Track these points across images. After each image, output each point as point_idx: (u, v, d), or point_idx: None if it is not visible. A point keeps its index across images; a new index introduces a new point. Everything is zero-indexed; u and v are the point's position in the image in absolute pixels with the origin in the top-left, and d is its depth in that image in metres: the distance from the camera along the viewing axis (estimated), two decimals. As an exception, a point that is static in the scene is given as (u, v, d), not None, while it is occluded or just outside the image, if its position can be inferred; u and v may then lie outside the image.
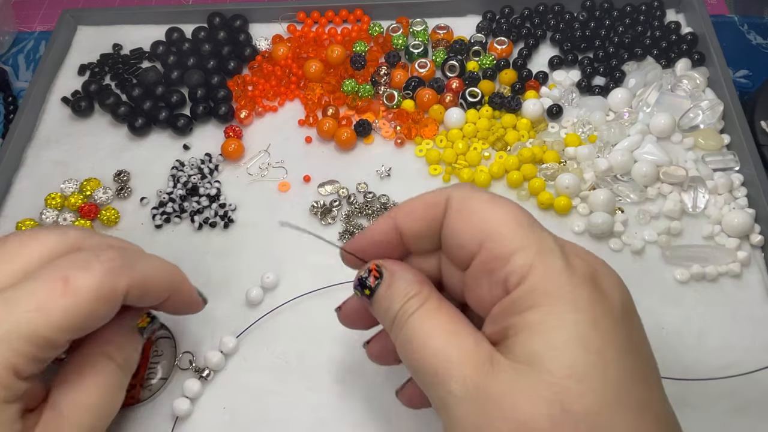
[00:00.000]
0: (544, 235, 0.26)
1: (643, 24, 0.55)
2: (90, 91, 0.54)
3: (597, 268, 0.26)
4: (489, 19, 0.57)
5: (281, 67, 0.55)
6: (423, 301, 0.27)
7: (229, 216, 0.47)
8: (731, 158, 0.47)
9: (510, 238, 0.25)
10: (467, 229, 0.27)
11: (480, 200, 0.27)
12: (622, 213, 0.45)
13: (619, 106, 0.50)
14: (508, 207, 0.27)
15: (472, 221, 0.27)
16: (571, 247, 0.26)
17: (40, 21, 0.69)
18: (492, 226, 0.26)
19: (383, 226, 0.30)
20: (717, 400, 0.38)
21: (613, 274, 0.26)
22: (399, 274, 0.29)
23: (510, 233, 0.26)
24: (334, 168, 0.50)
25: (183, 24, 0.58)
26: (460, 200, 0.27)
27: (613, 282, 0.26)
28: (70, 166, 0.51)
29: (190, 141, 0.52)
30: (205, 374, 0.40)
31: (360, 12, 0.58)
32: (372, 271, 0.29)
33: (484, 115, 0.51)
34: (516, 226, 0.26)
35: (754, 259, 0.43)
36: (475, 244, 0.26)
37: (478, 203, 0.27)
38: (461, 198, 0.27)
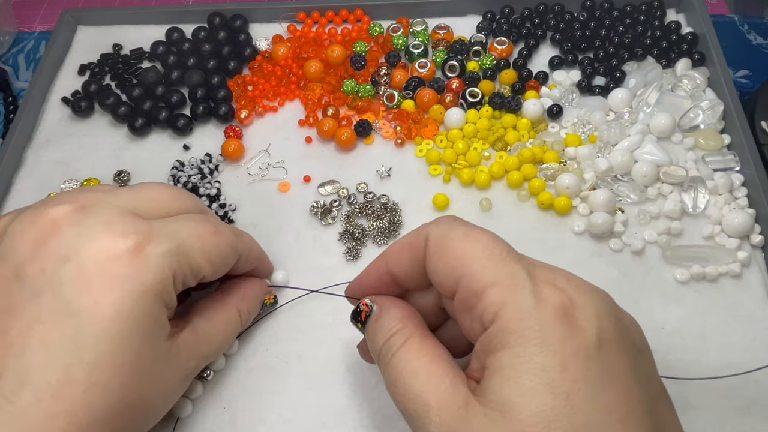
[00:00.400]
0: (516, 268, 0.26)
1: (643, 24, 0.55)
2: (90, 91, 0.54)
3: (573, 297, 0.25)
4: (489, 19, 0.57)
5: (281, 67, 0.55)
6: (406, 338, 0.28)
7: (229, 216, 0.47)
8: (731, 158, 0.47)
9: (482, 273, 0.26)
10: (445, 267, 0.27)
11: (455, 237, 0.27)
12: (622, 213, 0.45)
13: (619, 106, 0.50)
14: (481, 241, 0.27)
15: (448, 260, 0.27)
16: (546, 275, 0.26)
17: (40, 21, 0.69)
18: (465, 263, 0.26)
19: (376, 270, 0.32)
20: (717, 399, 0.38)
21: (591, 302, 0.25)
22: (386, 310, 0.30)
23: (482, 269, 0.26)
24: (334, 168, 0.50)
25: (183, 24, 0.58)
26: (437, 239, 0.28)
27: (589, 312, 0.25)
28: (70, 166, 0.51)
29: (190, 141, 0.52)
30: (205, 374, 0.40)
31: (360, 12, 0.58)
32: (364, 305, 0.31)
33: (484, 115, 0.51)
34: (488, 261, 0.26)
35: (754, 259, 0.43)
36: (453, 282, 0.27)
37: (454, 241, 0.27)
38: (438, 236, 0.28)
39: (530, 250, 0.45)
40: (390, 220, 0.46)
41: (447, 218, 0.29)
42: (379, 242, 0.45)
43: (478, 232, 0.27)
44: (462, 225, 0.28)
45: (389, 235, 0.45)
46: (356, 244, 0.45)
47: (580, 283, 0.26)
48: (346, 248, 0.45)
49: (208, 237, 0.33)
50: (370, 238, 0.46)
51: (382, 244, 0.45)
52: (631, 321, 0.27)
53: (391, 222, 0.46)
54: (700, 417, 0.37)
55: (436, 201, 0.47)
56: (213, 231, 0.33)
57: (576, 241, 0.45)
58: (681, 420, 0.37)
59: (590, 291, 0.26)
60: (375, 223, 0.46)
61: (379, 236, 0.45)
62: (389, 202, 0.47)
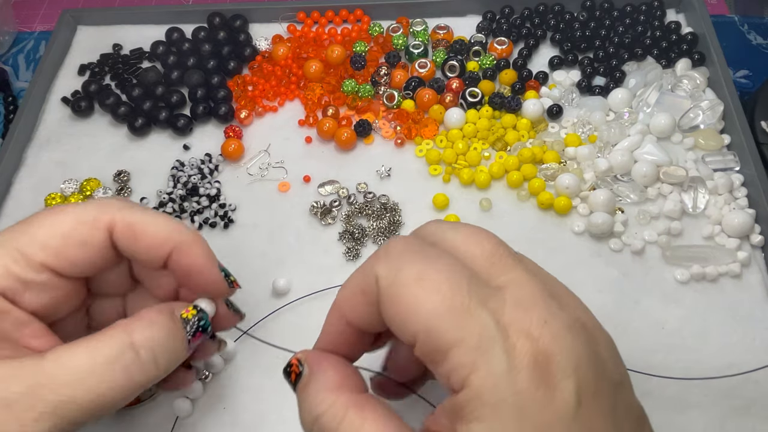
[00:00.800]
0: (482, 318, 0.22)
1: (643, 24, 0.55)
2: (90, 91, 0.54)
3: (549, 349, 0.22)
4: (489, 19, 0.57)
5: (281, 67, 0.55)
6: (339, 420, 0.24)
7: (229, 216, 0.47)
8: (731, 158, 0.47)
9: (444, 330, 0.22)
10: (399, 320, 0.24)
11: (407, 282, 0.23)
12: (622, 213, 0.45)
13: (619, 106, 0.50)
14: (438, 288, 0.23)
15: (402, 312, 0.23)
16: (519, 322, 0.22)
17: (40, 21, 0.69)
18: (422, 319, 0.23)
19: (335, 324, 0.28)
20: (717, 399, 0.38)
21: (569, 350, 0.22)
22: (317, 376, 0.26)
23: (443, 324, 0.22)
24: (334, 168, 0.50)
25: (183, 24, 0.58)
26: (387, 285, 0.24)
27: (567, 365, 0.22)
28: (70, 166, 0.51)
29: (190, 141, 0.52)
30: (204, 375, 0.40)
31: (360, 12, 0.58)
32: (293, 366, 0.27)
33: (484, 115, 0.51)
34: (449, 314, 0.22)
35: (754, 259, 0.43)
36: (410, 335, 0.23)
37: (406, 287, 0.23)
38: (387, 281, 0.24)
39: (530, 250, 0.45)
40: (390, 220, 0.46)
41: (398, 248, 0.25)
42: (379, 242, 0.45)
43: (433, 272, 0.23)
44: (415, 261, 0.24)
45: (389, 235, 0.45)
46: (356, 244, 0.45)
47: (558, 325, 0.22)
48: (346, 248, 0.45)
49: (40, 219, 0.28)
50: (370, 238, 0.46)
51: (383, 244, 0.45)
52: (608, 350, 0.24)
53: (391, 222, 0.46)
54: (700, 417, 0.37)
55: (436, 201, 0.47)
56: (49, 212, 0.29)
57: (576, 241, 0.45)
58: (681, 420, 0.37)
59: (568, 333, 0.22)
60: (375, 223, 0.46)
61: (379, 236, 0.45)
62: (389, 202, 0.47)
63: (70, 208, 0.29)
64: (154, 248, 0.29)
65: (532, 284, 0.24)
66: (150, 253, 0.29)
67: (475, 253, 0.25)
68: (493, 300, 0.23)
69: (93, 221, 0.28)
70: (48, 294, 0.28)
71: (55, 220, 0.28)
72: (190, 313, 0.29)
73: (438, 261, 0.24)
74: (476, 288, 0.23)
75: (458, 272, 0.23)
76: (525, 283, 0.24)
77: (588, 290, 0.42)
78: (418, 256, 0.24)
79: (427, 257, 0.24)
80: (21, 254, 0.27)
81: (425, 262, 0.24)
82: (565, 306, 0.24)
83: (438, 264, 0.24)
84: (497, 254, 0.25)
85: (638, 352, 0.40)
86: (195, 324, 0.29)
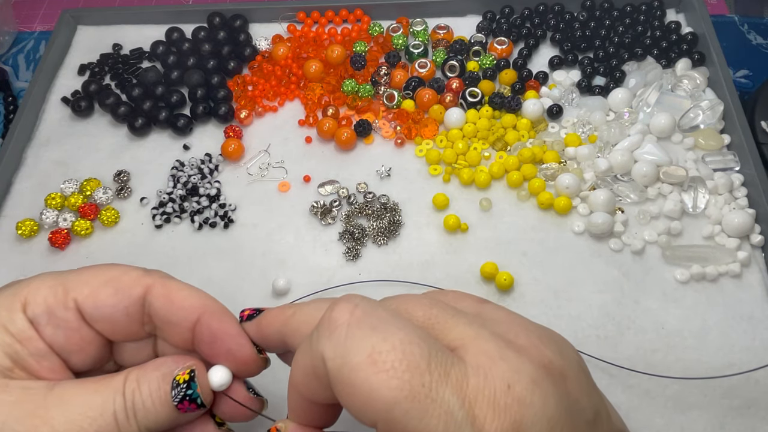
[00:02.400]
0: (446, 399, 0.20)
1: (643, 24, 0.55)
2: (90, 91, 0.54)
3: (517, 419, 0.20)
4: (489, 19, 0.57)
5: (281, 67, 0.55)
6: None
7: (229, 216, 0.47)
8: (731, 158, 0.47)
9: (406, 420, 0.20)
10: (354, 406, 0.21)
11: (357, 367, 0.21)
12: (622, 213, 0.45)
13: (619, 106, 0.50)
14: (392, 373, 0.20)
15: (355, 399, 0.21)
16: (484, 393, 0.20)
17: (40, 21, 0.69)
18: (380, 409, 0.20)
19: (294, 400, 0.26)
20: (717, 399, 0.38)
21: (539, 414, 0.21)
22: None
23: (404, 415, 0.20)
24: (334, 168, 0.50)
25: (183, 24, 0.58)
26: (336, 368, 0.21)
27: (542, 429, 0.21)
28: (70, 166, 0.51)
29: (190, 141, 0.52)
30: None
31: (360, 12, 0.58)
32: None
33: (484, 115, 0.51)
34: (409, 402, 0.20)
35: (754, 259, 0.43)
36: (369, 422, 0.21)
37: (356, 372, 0.21)
38: (335, 365, 0.21)
39: (530, 250, 0.45)
40: (390, 220, 0.46)
41: (343, 319, 0.22)
42: (379, 242, 0.45)
43: (387, 349, 0.21)
44: (364, 336, 0.21)
45: (389, 235, 0.45)
46: (356, 244, 0.45)
47: (522, 386, 0.21)
48: (346, 248, 0.45)
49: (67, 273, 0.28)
50: (370, 238, 0.46)
51: (382, 244, 0.45)
52: (577, 382, 0.23)
53: (391, 222, 0.46)
54: (700, 417, 0.37)
55: (436, 201, 0.47)
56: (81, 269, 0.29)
57: (576, 241, 0.45)
58: (681, 420, 0.37)
59: (535, 390, 0.21)
60: (375, 223, 0.46)
61: (379, 236, 0.45)
62: (389, 202, 0.47)
63: (120, 265, 0.29)
64: (185, 310, 0.28)
65: (484, 338, 0.22)
66: (180, 315, 0.28)
67: (418, 315, 0.23)
68: (455, 369, 0.21)
69: (136, 277, 0.28)
70: (72, 338, 0.28)
71: (103, 270, 0.29)
72: (182, 376, 0.26)
73: (390, 330, 0.21)
74: (436, 358, 0.21)
75: (415, 343, 0.21)
76: (476, 338, 0.22)
77: (588, 290, 0.43)
78: (365, 329, 0.21)
79: (376, 328, 0.21)
80: (62, 287, 0.27)
81: (375, 334, 0.21)
82: (523, 349, 0.22)
83: (391, 334, 0.21)
84: (434, 312, 0.23)
85: (638, 352, 0.40)
86: (182, 391, 0.26)
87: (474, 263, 0.44)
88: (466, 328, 0.23)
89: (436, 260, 0.44)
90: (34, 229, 0.47)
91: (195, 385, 0.26)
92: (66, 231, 0.47)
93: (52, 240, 0.46)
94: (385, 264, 0.44)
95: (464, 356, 0.22)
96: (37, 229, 0.48)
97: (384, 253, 0.45)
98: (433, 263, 0.44)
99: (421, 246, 0.45)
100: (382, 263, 0.45)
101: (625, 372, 0.39)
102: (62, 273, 0.28)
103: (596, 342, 0.40)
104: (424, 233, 0.46)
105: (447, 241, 0.45)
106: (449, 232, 0.46)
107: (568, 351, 0.24)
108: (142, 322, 0.29)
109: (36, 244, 0.47)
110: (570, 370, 0.23)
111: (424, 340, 0.21)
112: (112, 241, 0.47)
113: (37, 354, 0.27)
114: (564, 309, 0.42)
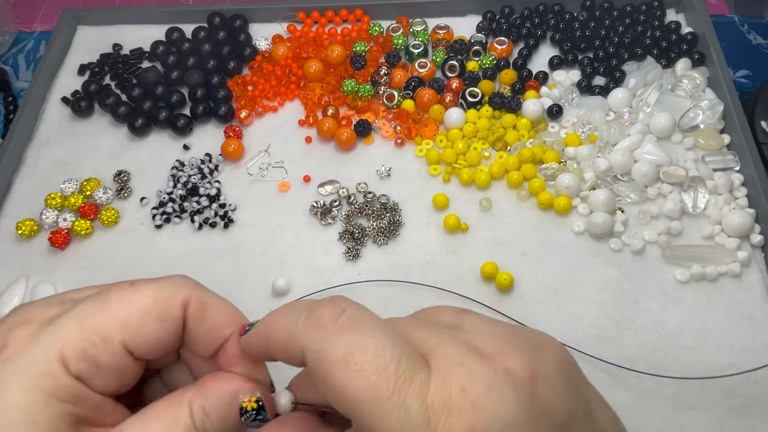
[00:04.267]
0: (406, 402, 0.21)
1: (643, 24, 0.55)
2: (90, 91, 0.54)
3: (469, 423, 0.21)
4: (489, 19, 0.57)
5: (281, 67, 0.55)
6: None
7: (229, 216, 0.47)
8: (731, 158, 0.47)
9: (369, 417, 0.21)
10: (329, 396, 0.23)
11: (332, 364, 0.22)
12: (622, 213, 0.45)
13: (619, 106, 0.50)
14: (361, 374, 0.22)
15: (330, 391, 0.22)
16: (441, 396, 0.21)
17: (40, 21, 0.69)
18: (348, 403, 0.22)
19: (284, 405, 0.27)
20: (717, 399, 0.38)
21: (494, 416, 0.21)
22: None
23: (367, 412, 0.21)
24: (334, 168, 0.50)
25: (183, 24, 0.58)
26: (314, 361, 0.23)
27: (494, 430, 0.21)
28: (70, 166, 0.51)
29: (190, 141, 0.52)
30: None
31: (360, 12, 0.58)
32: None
33: (484, 115, 0.51)
34: (372, 402, 0.21)
35: (754, 259, 0.43)
36: (344, 413, 0.23)
37: (331, 368, 0.22)
38: (314, 357, 0.23)
39: (530, 250, 0.45)
40: (390, 220, 0.46)
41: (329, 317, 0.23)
42: (379, 242, 0.45)
43: (360, 351, 0.22)
44: (342, 335, 0.23)
45: (389, 235, 0.45)
46: (356, 244, 0.45)
47: (476, 389, 0.21)
48: (346, 248, 0.45)
49: (114, 296, 0.26)
50: (370, 238, 0.46)
51: (382, 244, 0.45)
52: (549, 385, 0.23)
53: (391, 222, 0.46)
54: (700, 417, 0.38)
55: (436, 201, 0.47)
56: (125, 288, 0.26)
57: (576, 241, 0.45)
58: (681, 420, 0.37)
59: (488, 394, 0.21)
60: (375, 223, 0.46)
61: (379, 236, 0.45)
62: (389, 202, 0.47)
63: (148, 284, 0.27)
64: (217, 329, 0.27)
65: (448, 346, 0.23)
66: (211, 334, 0.27)
67: (398, 324, 0.24)
68: (421, 374, 0.22)
69: (171, 297, 0.27)
70: (120, 377, 0.26)
71: (134, 296, 0.26)
72: (250, 404, 0.26)
73: (368, 333, 0.22)
74: (405, 363, 0.22)
75: (388, 347, 0.22)
76: (441, 346, 0.23)
77: (588, 290, 0.43)
78: (346, 331, 0.23)
79: (356, 330, 0.23)
80: (100, 336, 0.25)
81: (353, 335, 0.22)
82: (487, 355, 0.23)
83: (367, 338, 0.22)
84: (414, 323, 0.24)
85: (638, 352, 0.40)
86: (251, 416, 0.26)
87: (474, 263, 0.44)
88: (435, 337, 0.24)
89: (436, 260, 0.44)
90: (34, 229, 0.47)
91: (264, 413, 0.27)
92: (66, 231, 0.47)
93: (52, 240, 0.46)
94: (385, 264, 0.44)
95: (430, 362, 0.22)
96: (37, 229, 0.48)
97: (384, 253, 0.45)
98: (433, 263, 0.44)
99: (421, 246, 0.45)
100: (382, 263, 0.45)
101: (626, 372, 0.39)
102: (87, 305, 0.26)
103: (596, 342, 0.40)
104: (424, 233, 0.46)
105: (447, 241, 0.45)
106: (449, 232, 0.46)
107: (545, 355, 0.24)
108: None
109: (36, 244, 0.47)
110: (542, 374, 0.23)
111: (398, 345, 0.22)
112: (112, 241, 0.47)
113: (94, 407, 0.26)
114: (564, 309, 0.42)
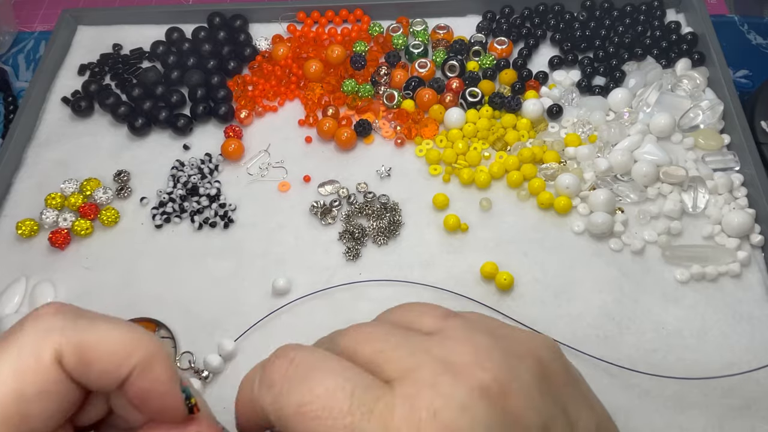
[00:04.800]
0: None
1: (643, 24, 0.55)
2: (90, 91, 0.54)
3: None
4: (489, 19, 0.57)
5: (281, 67, 0.55)
6: None
7: (229, 216, 0.47)
8: (731, 158, 0.47)
9: None
10: None
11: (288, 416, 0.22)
12: (622, 213, 0.45)
13: (619, 106, 0.50)
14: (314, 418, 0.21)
15: None
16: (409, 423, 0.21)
17: (40, 21, 0.69)
18: None
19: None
20: (717, 399, 0.38)
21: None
22: None
23: None
24: (334, 168, 0.50)
25: (183, 24, 0.58)
26: (276, 419, 0.22)
27: None
28: (70, 166, 0.51)
29: (190, 141, 0.52)
30: (204, 375, 0.40)
31: (360, 12, 0.58)
32: None
33: (484, 115, 0.51)
34: None
35: (754, 259, 0.43)
36: None
37: (289, 420, 0.22)
38: (275, 416, 0.22)
39: (530, 250, 0.45)
40: (390, 220, 0.46)
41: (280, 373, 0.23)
42: (379, 242, 0.45)
43: (312, 402, 0.21)
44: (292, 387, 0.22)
45: (389, 235, 0.45)
46: (356, 244, 0.45)
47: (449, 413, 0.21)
48: (346, 248, 0.45)
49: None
50: (370, 238, 0.46)
51: (382, 244, 0.45)
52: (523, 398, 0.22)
53: (391, 222, 0.46)
54: (700, 417, 0.37)
55: (436, 201, 0.47)
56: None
57: (576, 241, 0.45)
58: (681, 420, 0.37)
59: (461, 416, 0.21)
60: (375, 223, 0.46)
61: (379, 236, 0.45)
62: (389, 202, 0.47)
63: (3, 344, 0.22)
64: (108, 372, 0.22)
65: (421, 367, 0.22)
66: (104, 379, 0.23)
67: (365, 351, 0.23)
68: (381, 403, 0.21)
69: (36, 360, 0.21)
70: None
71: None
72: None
73: (318, 379, 0.22)
74: (359, 398, 0.21)
75: (339, 388, 0.21)
76: (413, 369, 0.22)
77: (588, 290, 0.43)
78: (295, 383, 0.22)
79: (306, 379, 0.22)
80: None
81: (304, 384, 0.22)
82: (462, 372, 0.22)
83: (317, 384, 0.22)
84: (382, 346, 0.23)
85: (638, 352, 0.40)
86: None
87: (474, 263, 0.44)
88: (410, 357, 0.23)
89: (436, 260, 0.44)
90: (34, 229, 0.47)
91: None
92: (66, 231, 0.47)
93: (52, 240, 0.46)
94: (385, 264, 0.44)
95: (397, 387, 0.22)
96: (37, 229, 0.48)
97: (384, 253, 0.45)
98: (433, 263, 0.44)
99: (421, 246, 0.45)
100: (382, 263, 0.45)
101: (625, 372, 0.39)
102: None
103: (596, 342, 0.40)
104: (424, 233, 0.46)
105: (447, 241, 0.45)
106: (449, 232, 0.46)
107: (521, 364, 0.23)
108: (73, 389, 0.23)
109: (36, 244, 0.47)
110: (516, 386, 0.22)
111: (350, 381, 0.22)
112: (111, 241, 0.47)
113: None
114: (564, 309, 0.42)
